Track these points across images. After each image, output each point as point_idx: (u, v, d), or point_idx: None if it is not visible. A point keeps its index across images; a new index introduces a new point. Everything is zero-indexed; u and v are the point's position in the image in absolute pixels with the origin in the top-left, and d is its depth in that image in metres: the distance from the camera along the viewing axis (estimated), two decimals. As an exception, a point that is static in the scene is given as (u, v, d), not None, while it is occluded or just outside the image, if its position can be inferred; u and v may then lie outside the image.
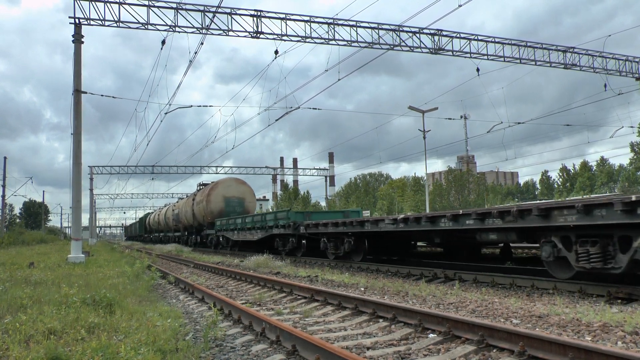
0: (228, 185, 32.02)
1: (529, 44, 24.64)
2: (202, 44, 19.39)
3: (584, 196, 39.52)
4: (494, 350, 4.65)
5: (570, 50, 25.60)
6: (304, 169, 68.76)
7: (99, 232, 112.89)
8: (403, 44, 22.47)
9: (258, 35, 20.32)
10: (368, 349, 4.98)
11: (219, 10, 19.65)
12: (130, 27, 19.39)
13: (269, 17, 20.57)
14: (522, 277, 9.06)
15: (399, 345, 5.08)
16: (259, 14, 20.37)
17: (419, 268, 11.55)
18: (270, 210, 54.97)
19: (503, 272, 10.08)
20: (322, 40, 21.36)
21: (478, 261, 12.66)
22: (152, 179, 59.34)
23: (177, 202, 44.73)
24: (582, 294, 7.67)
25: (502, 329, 4.75)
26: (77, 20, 18.71)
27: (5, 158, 50.51)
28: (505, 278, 9.25)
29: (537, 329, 5.47)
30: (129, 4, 19.10)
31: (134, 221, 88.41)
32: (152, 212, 60.40)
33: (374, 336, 5.58)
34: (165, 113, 24.61)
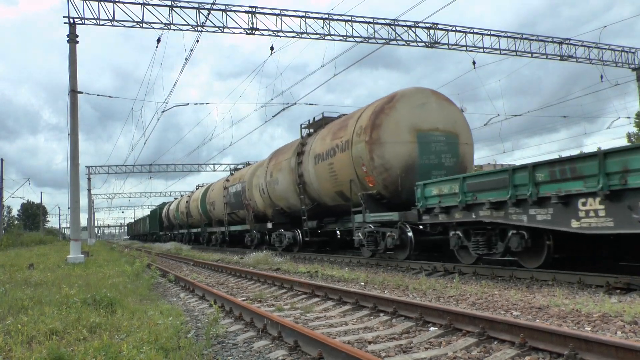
0: (421, 104, 13.63)
1: (525, 36, 24.62)
2: (197, 41, 19.31)
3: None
4: (495, 343, 4.68)
5: (567, 42, 25.58)
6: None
7: (98, 232, 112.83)
8: (399, 38, 22.43)
9: (253, 31, 20.27)
10: (370, 343, 5.00)
11: (214, 7, 19.59)
12: (125, 26, 19.31)
13: (264, 14, 20.51)
14: (522, 269, 9.10)
15: (400, 339, 5.10)
16: (254, 10, 20.30)
17: (419, 262, 11.58)
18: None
19: (502, 265, 10.11)
20: (318, 36, 21.31)
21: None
22: (150, 178, 59.12)
23: (230, 176, 28.53)
24: (581, 285, 7.71)
25: (502, 321, 4.78)
26: (71, 20, 18.62)
27: (1, 160, 50.33)
28: (505, 270, 9.29)
29: (538, 321, 5.50)
30: (123, 3, 19.01)
31: (142, 216, 74.14)
32: (173, 201, 47.83)
33: (375, 330, 5.61)
34: (162, 111, 24.59)
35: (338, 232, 18.70)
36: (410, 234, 11.98)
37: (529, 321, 5.18)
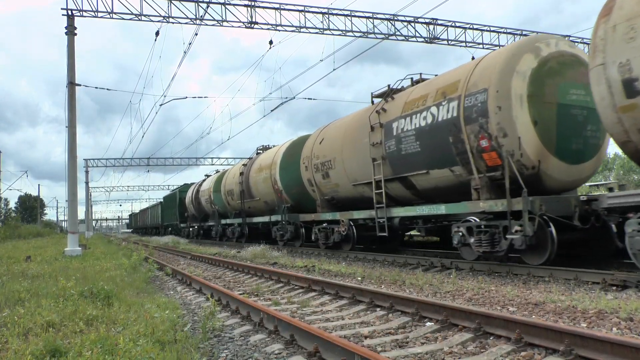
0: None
1: (524, 32, 24.59)
2: (196, 34, 19.25)
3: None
4: (491, 338, 4.69)
5: (567, 38, 25.53)
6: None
7: (96, 225, 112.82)
8: (398, 33, 22.39)
9: (252, 25, 20.20)
10: (366, 337, 5.01)
11: (213, 0, 19.52)
12: (123, 19, 19.24)
13: (263, 7, 20.44)
14: (519, 265, 9.12)
15: (397, 334, 5.11)
16: (253, 4, 20.23)
17: (416, 257, 11.60)
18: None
19: (499, 261, 10.13)
20: (317, 31, 21.26)
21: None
22: (148, 171, 58.81)
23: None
24: (577, 282, 7.73)
25: (498, 316, 4.79)
26: (69, 12, 18.54)
27: (-1, 152, 50.18)
28: (502, 266, 9.30)
29: (534, 317, 5.51)
30: (122, -5, 18.94)
31: (151, 205, 61.47)
32: (201, 182, 33.46)
33: (372, 325, 5.62)
34: (160, 105, 24.52)
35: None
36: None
37: (525, 317, 5.20)
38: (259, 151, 23.72)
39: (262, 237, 23.03)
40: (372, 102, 13.62)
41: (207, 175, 33.97)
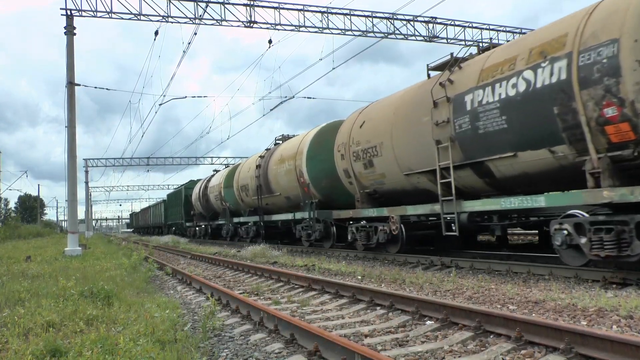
0: None
1: (523, 30, 24.58)
2: (195, 34, 19.26)
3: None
4: (491, 336, 4.69)
5: (565, 36, 25.53)
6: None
7: (96, 225, 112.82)
8: (397, 32, 22.38)
9: (251, 24, 20.19)
10: (366, 336, 5.01)
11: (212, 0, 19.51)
12: (122, 18, 19.23)
13: (262, 6, 20.43)
14: (519, 263, 9.12)
15: (397, 333, 5.11)
16: (252, 3, 20.21)
17: (416, 256, 11.60)
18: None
19: (499, 259, 10.13)
20: (316, 30, 21.25)
21: (474, 248, 12.72)
22: (148, 170, 58.74)
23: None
24: (577, 280, 7.73)
25: (499, 315, 4.79)
26: (68, 12, 18.53)
27: (-1, 152, 50.15)
28: (502, 265, 9.30)
29: (534, 315, 5.51)
30: (121, -5, 18.93)
31: (154, 203, 57.45)
32: (209, 177, 31.33)
33: (372, 324, 5.62)
34: (160, 104, 24.53)
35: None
36: None
37: (526, 315, 5.20)
38: (277, 141, 21.12)
39: (281, 237, 21.53)
40: (429, 76, 11.32)
41: (216, 171, 31.82)
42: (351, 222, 14.32)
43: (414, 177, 11.37)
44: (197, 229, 33.44)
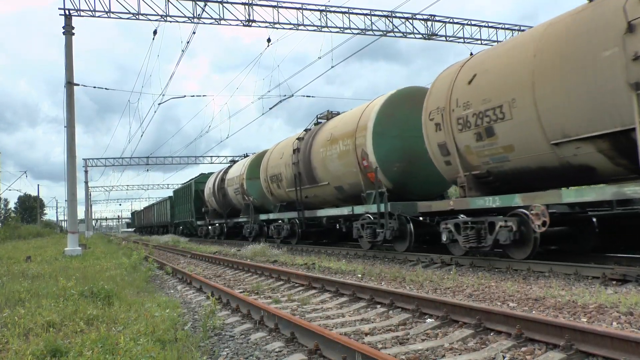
0: None
1: (522, 28, 24.57)
2: (194, 33, 19.27)
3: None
4: (492, 334, 4.69)
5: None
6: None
7: (95, 224, 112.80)
8: (396, 30, 22.37)
9: (250, 23, 20.18)
10: (366, 335, 5.01)
11: (211, -2, 19.50)
12: (121, 18, 19.22)
13: (261, 5, 20.42)
14: (519, 260, 9.11)
15: (397, 331, 5.11)
16: (250, 2, 20.20)
17: (416, 254, 11.60)
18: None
19: (499, 257, 10.13)
20: (315, 28, 21.24)
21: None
22: (147, 170, 58.67)
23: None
24: (577, 276, 7.73)
25: (499, 312, 4.79)
26: (67, 12, 18.52)
27: (-2, 152, 50.09)
28: (502, 262, 9.30)
29: (534, 312, 5.51)
30: (119, -6, 18.92)
31: (158, 201, 53.10)
32: (225, 169, 28.04)
33: (372, 322, 5.62)
34: (159, 104, 24.56)
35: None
36: None
37: (526, 312, 5.20)
38: (320, 120, 17.38)
39: (319, 237, 18.80)
40: None
41: (233, 161, 28.70)
42: (444, 218, 10.86)
43: (571, 146, 7.95)
44: (209, 227, 30.35)
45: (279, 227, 19.49)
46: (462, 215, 10.47)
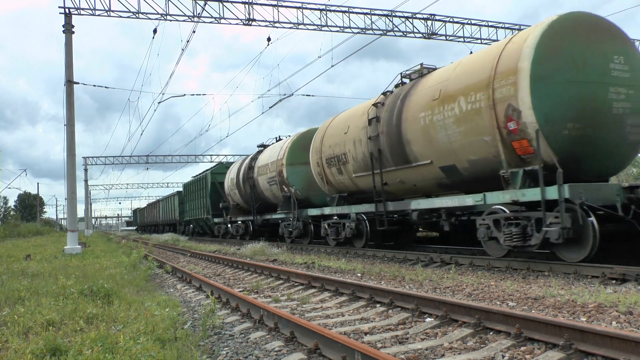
0: None
1: (522, 27, 24.55)
2: (194, 32, 19.26)
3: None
4: (491, 333, 4.69)
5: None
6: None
7: (95, 223, 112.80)
8: (396, 29, 22.36)
9: (250, 22, 20.17)
10: (366, 334, 5.02)
11: (211, -3, 19.49)
12: (121, 16, 19.21)
13: (261, 4, 20.42)
14: (518, 260, 9.12)
15: (397, 330, 5.12)
16: (250, 1, 20.19)
17: (415, 253, 11.60)
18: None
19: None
20: (315, 27, 21.23)
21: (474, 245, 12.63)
22: (147, 168, 58.57)
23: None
24: (577, 276, 7.73)
25: (498, 311, 4.79)
26: (66, 10, 18.51)
27: (-2, 151, 50.10)
28: (501, 261, 9.31)
29: (533, 311, 5.52)
30: (119, -7, 18.92)
31: (164, 196, 47.42)
32: (253, 155, 22.86)
33: (372, 321, 5.62)
34: (159, 102, 24.55)
35: None
36: None
37: (525, 312, 5.20)
38: (404, 80, 12.74)
39: (392, 238, 15.08)
40: None
41: (263, 146, 22.68)
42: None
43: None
44: (229, 225, 25.78)
45: (336, 225, 15.18)
46: (501, 208, 9.13)
